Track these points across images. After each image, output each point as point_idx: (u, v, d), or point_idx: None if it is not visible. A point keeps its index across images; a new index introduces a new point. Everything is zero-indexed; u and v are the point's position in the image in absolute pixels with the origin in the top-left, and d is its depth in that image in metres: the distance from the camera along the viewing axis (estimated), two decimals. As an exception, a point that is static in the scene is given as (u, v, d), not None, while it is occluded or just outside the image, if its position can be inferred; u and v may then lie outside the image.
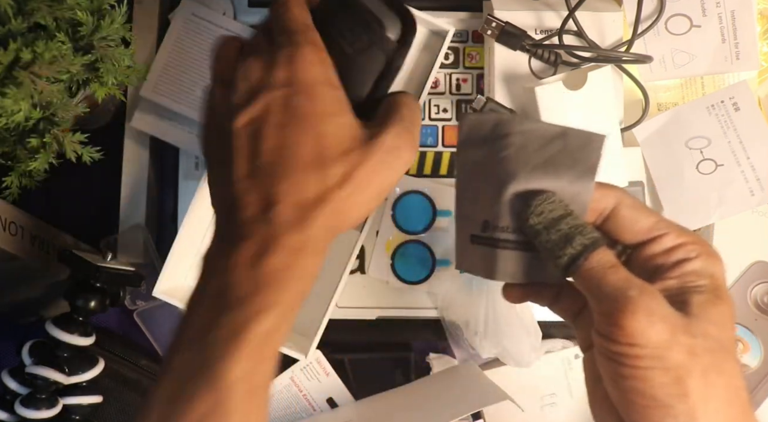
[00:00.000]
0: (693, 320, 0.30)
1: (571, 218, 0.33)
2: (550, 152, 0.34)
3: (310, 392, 0.58)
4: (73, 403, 0.53)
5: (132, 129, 0.59)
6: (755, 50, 0.56)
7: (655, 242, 0.33)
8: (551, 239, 0.33)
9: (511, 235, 0.34)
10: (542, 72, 0.55)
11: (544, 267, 0.35)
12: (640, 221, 0.34)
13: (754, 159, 0.56)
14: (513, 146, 0.35)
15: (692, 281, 0.32)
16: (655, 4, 0.55)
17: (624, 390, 0.30)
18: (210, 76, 0.38)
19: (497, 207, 0.34)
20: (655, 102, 0.59)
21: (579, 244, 0.32)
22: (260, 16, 0.58)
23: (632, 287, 0.30)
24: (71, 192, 0.60)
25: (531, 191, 0.34)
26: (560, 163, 0.34)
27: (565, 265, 0.32)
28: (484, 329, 0.54)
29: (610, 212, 0.34)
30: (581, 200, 0.34)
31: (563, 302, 0.37)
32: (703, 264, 0.32)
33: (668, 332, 0.29)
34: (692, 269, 0.32)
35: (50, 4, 0.48)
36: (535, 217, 0.33)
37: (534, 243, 0.34)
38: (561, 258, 0.32)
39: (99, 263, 0.54)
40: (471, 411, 0.52)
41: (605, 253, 0.32)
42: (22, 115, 0.47)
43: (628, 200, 0.34)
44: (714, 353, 0.30)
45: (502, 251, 0.35)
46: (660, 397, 0.29)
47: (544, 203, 0.33)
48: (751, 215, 0.58)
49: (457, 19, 0.58)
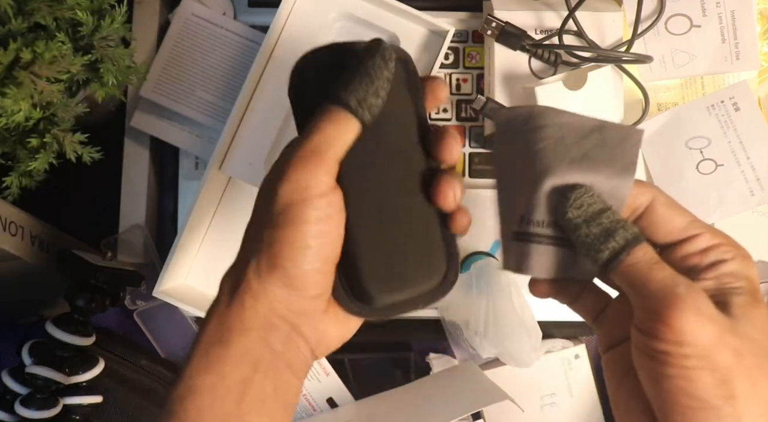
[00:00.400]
0: (736, 321, 0.30)
1: (611, 212, 0.32)
2: (587, 145, 0.34)
3: (310, 392, 0.58)
4: (73, 403, 0.53)
5: (132, 129, 0.59)
6: (755, 50, 0.56)
7: (689, 242, 0.32)
8: (592, 232, 0.32)
9: (546, 230, 0.34)
10: (542, 72, 0.55)
11: (576, 263, 0.34)
12: (675, 219, 0.33)
13: (754, 159, 0.56)
14: (549, 138, 0.34)
15: (730, 282, 0.31)
16: (655, 4, 0.55)
17: (667, 390, 0.29)
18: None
19: (533, 201, 0.34)
20: (655, 102, 0.59)
21: (622, 238, 0.31)
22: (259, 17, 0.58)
23: (680, 285, 0.30)
24: (71, 192, 0.60)
25: (568, 185, 0.33)
26: (598, 157, 0.33)
27: (606, 260, 0.32)
28: (484, 329, 0.54)
29: (645, 210, 0.33)
30: (620, 196, 0.33)
31: (585, 301, 0.36)
32: (740, 266, 0.32)
33: (717, 332, 0.29)
34: (729, 271, 0.31)
35: (50, 4, 0.48)
36: (575, 210, 0.32)
37: (571, 238, 0.33)
38: (602, 252, 0.32)
39: (99, 263, 0.54)
40: (471, 411, 0.52)
41: (648, 249, 0.32)
42: (22, 115, 0.47)
43: (663, 198, 0.34)
44: (758, 355, 0.29)
45: (536, 246, 0.34)
46: (706, 398, 0.29)
47: (584, 196, 0.33)
48: (751, 215, 0.58)
49: (457, 19, 0.58)
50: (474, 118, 0.58)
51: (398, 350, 0.61)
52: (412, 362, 0.60)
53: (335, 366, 0.58)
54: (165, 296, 0.52)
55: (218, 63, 0.57)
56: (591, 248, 0.32)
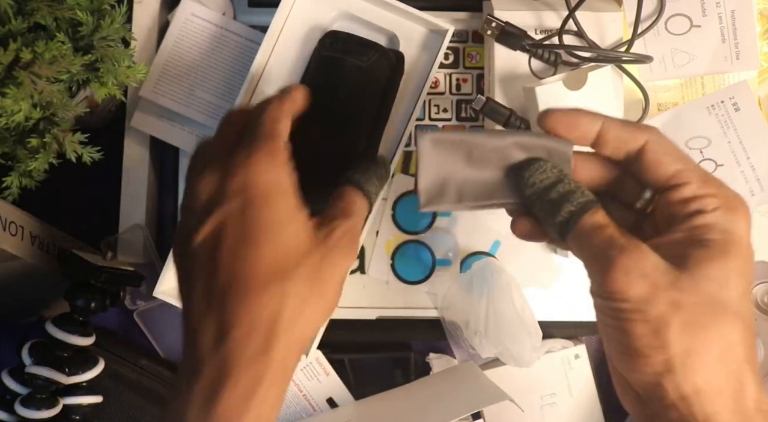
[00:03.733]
0: (685, 275, 0.30)
1: (563, 184, 0.34)
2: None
3: (310, 392, 0.58)
4: (73, 403, 0.53)
5: (132, 129, 0.59)
6: (755, 50, 0.56)
7: (676, 190, 0.33)
8: (544, 208, 0.34)
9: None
10: (542, 72, 0.55)
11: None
12: (664, 166, 0.33)
13: (754, 159, 0.56)
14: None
15: (700, 234, 0.31)
16: (655, 4, 0.55)
17: (609, 341, 0.32)
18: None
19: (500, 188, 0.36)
20: (655, 102, 0.59)
21: (566, 212, 0.33)
22: (259, 17, 0.58)
23: (613, 247, 0.31)
24: (71, 192, 0.60)
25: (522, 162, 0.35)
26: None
27: (558, 233, 0.34)
28: (484, 329, 0.54)
29: (638, 154, 0.34)
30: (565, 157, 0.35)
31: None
32: (719, 219, 0.31)
33: (648, 287, 0.30)
34: (704, 223, 0.31)
35: (50, 4, 0.48)
36: (528, 189, 0.35)
37: (535, 213, 0.35)
38: (553, 227, 0.34)
39: (99, 263, 0.54)
40: (471, 411, 0.52)
41: (598, 214, 0.33)
42: (22, 115, 0.47)
43: (657, 143, 0.34)
44: (702, 306, 0.30)
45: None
46: (638, 347, 0.30)
47: (536, 174, 0.34)
48: (752, 215, 0.58)
49: (457, 19, 0.58)
50: (474, 118, 0.58)
51: (398, 350, 0.61)
52: (412, 362, 0.60)
53: (335, 366, 0.58)
54: (165, 296, 0.52)
55: (218, 63, 0.57)
56: (546, 223, 0.34)
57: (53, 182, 0.53)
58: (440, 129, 0.46)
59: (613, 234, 0.32)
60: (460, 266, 0.57)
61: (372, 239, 0.57)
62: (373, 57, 0.49)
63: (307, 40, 0.52)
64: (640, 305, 0.30)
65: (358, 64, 0.49)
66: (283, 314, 0.33)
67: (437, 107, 0.58)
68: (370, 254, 0.57)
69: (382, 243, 0.57)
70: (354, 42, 0.50)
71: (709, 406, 0.30)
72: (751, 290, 0.31)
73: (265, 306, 0.33)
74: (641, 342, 0.30)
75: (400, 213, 0.57)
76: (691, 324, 0.30)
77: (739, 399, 0.30)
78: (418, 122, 0.58)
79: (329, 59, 0.49)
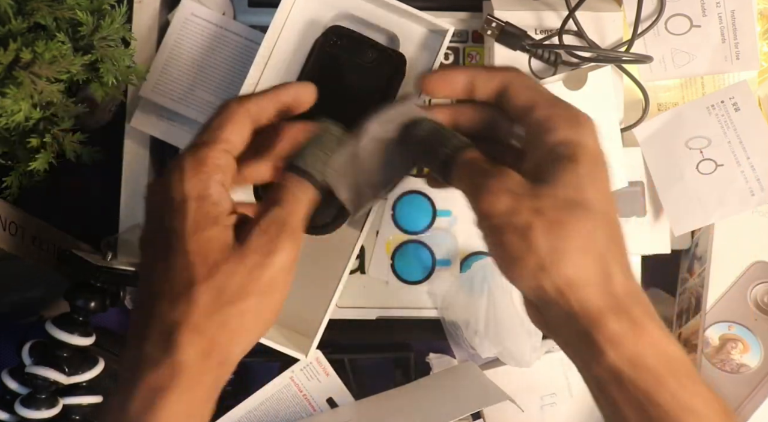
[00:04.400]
0: (541, 185, 0.34)
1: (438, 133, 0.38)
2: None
3: (310, 392, 0.58)
4: (73, 403, 0.53)
5: (132, 129, 0.59)
6: (755, 50, 0.56)
7: (529, 116, 0.36)
8: (428, 159, 0.39)
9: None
10: (542, 72, 0.55)
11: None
12: (520, 98, 0.37)
13: (754, 159, 0.56)
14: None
15: (552, 150, 0.35)
16: (655, 4, 0.55)
17: (496, 259, 0.35)
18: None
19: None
20: (655, 102, 0.59)
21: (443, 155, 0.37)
22: (259, 17, 0.58)
23: (482, 175, 0.35)
24: (71, 192, 0.60)
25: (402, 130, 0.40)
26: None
27: (443, 177, 0.38)
28: (484, 329, 0.54)
29: (502, 93, 0.37)
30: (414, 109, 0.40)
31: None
32: (566, 133, 0.35)
33: (511, 199, 0.33)
34: (554, 140, 0.35)
35: (50, 4, 0.48)
36: (414, 147, 0.39)
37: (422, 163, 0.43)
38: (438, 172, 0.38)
39: (99, 263, 0.54)
40: (471, 411, 0.52)
41: (465, 155, 0.36)
42: (22, 115, 0.47)
43: (515, 79, 0.37)
44: (561, 209, 0.33)
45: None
46: (513, 254, 0.33)
47: (414, 131, 0.39)
48: (752, 215, 0.58)
49: (457, 18, 0.58)
50: (474, 118, 0.58)
51: (398, 350, 0.61)
52: (412, 362, 0.60)
53: (335, 366, 0.58)
54: (165, 296, 0.52)
55: (218, 63, 0.57)
56: (433, 170, 0.39)
57: (53, 182, 0.53)
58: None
59: (482, 166, 0.36)
60: (460, 266, 0.57)
61: (372, 239, 0.57)
62: (376, 58, 0.49)
63: (307, 40, 0.52)
64: (507, 217, 0.33)
65: (361, 64, 0.49)
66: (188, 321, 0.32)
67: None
68: (370, 254, 0.57)
69: (382, 243, 0.57)
70: (358, 41, 0.50)
71: (582, 294, 0.33)
72: (608, 189, 0.35)
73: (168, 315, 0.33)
74: (513, 248, 0.33)
75: (400, 213, 0.57)
76: (553, 225, 0.33)
77: (608, 285, 0.33)
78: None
79: (331, 56, 0.50)
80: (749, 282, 0.58)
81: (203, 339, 0.33)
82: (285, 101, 0.39)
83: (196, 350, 0.32)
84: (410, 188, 0.57)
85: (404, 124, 0.40)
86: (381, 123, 0.40)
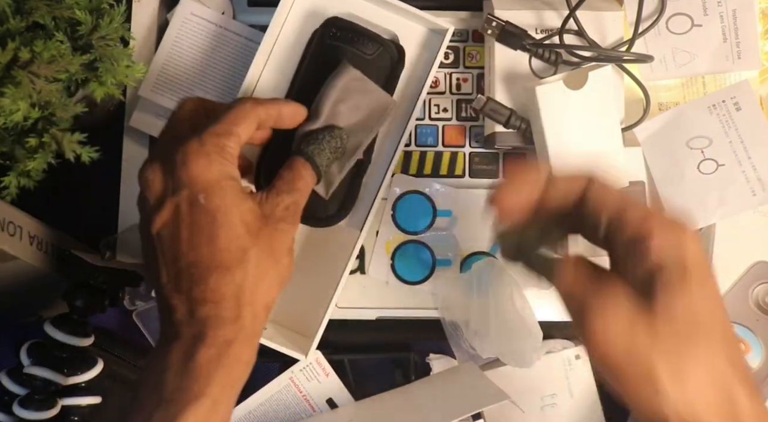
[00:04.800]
0: (653, 306, 0.32)
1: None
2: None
3: (310, 392, 0.58)
4: (72, 404, 0.53)
5: (131, 129, 0.58)
6: (757, 50, 0.56)
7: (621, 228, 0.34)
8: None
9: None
10: (543, 72, 0.55)
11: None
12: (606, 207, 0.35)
13: (755, 159, 0.56)
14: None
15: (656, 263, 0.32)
16: (656, 4, 0.55)
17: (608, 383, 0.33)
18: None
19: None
20: (656, 102, 0.59)
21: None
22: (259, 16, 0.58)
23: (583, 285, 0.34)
24: (71, 192, 0.60)
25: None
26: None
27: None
28: (484, 329, 0.54)
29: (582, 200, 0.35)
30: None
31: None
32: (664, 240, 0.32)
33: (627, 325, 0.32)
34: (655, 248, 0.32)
35: (49, 3, 0.48)
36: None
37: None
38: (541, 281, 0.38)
39: (98, 264, 0.54)
40: (471, 411, 0.52)
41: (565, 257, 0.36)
42: (20, 114, 0.47)
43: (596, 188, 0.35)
44: (682, 338, 0.31)
45: None
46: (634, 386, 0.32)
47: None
48: (753, 215, 0.58)
49: (458, 18, 0.58)
50: (474, 117, 0.58)
51: (398, 350, 0.60)
52: (412, 362, 0.60)
53: (335, 366, 0.58)
54: (164, 296, 0.52)
55: (217, 63, 0.57)
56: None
57: (52, 182, 0.53)
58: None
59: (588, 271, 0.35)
60: (460, 266, 0.57)
61: (372, 239, 0.57)
62: (377, 50, 0.50)
63: (306, 39, 0.52)
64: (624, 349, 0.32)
65: (361, 56, 0.49)
66: (245, 288, 0.38)
67: (437, 107, 0.58)
68: (370, 255, 0.57)
69: (382, 243, 0.57)
70: (357, 33, 0.50)
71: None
72: (720, 304, 0.32)
73: (228, 285, 0.38)
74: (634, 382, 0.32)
75: (400, 213, 0.57)
76: (672, 355, 0.31)
77: (733, 411, 0.31)
78: (418, 122, 0.58)
79: (331, 48, 0.50)
80: (750, 283, 0.58)
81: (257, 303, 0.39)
82: (284, 114, 0.44)
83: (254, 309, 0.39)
84: (410, 188, 0.57)
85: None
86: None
